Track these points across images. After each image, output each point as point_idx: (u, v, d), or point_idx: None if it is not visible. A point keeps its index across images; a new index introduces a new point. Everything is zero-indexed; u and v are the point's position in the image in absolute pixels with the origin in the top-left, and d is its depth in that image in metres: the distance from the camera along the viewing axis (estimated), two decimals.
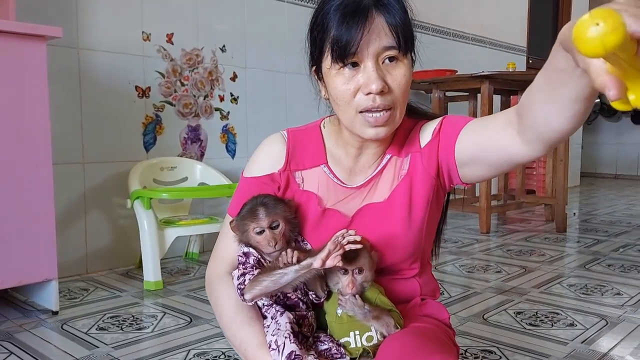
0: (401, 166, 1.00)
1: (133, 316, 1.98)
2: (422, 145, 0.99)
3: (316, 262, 0.84)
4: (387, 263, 1.00)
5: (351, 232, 0.85)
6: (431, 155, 0.97)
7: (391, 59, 0.89)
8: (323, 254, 0.83)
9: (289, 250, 0.89)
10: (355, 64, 0.89)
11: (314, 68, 0.97)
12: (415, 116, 1.05)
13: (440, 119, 1.00)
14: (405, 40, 0.88)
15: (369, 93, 0.88)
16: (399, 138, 1.02)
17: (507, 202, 4.13)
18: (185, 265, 2.74)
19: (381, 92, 0.88)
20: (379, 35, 0.86)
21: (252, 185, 1.02)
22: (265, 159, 1.03)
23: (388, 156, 1.01)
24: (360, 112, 0.90)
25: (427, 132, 1.00)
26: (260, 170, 1.02)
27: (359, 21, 0.85)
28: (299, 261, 0.86)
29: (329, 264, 0.84)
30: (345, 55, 0.87)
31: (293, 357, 0.81)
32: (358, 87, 0.89)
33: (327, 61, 0.91)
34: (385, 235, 0.98)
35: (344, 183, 1.01)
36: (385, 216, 0.98)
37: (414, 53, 0.94)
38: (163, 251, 2.37)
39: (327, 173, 1.02)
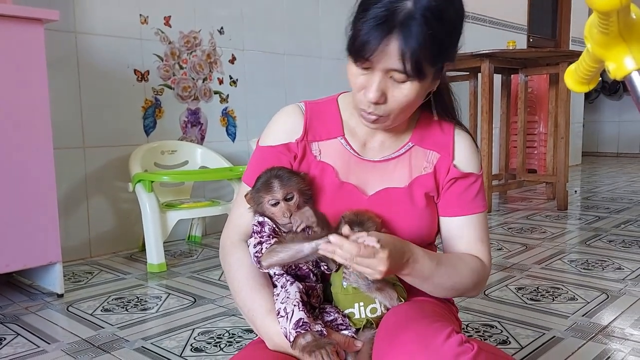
0: (424, 158, 1.03)
1: (137, 297, 1.99)
2: (455, 162, 1.02)
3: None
4: None
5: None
6: (450, 177, 1.02)
7: (399, 77, 0.88)
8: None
9: (297, 218, 0.91)
10: (367, 67, 0.89)
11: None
12: (440, 108, 1.05)
13: (478, 170, 1.04)
14: (416, 68, 0.85)
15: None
16: (422, 128, 1.04)
17: (508, 181, 4.13)
18: (188, 248, 2.76)
19: (376, 103, 0.90)
20: (390, 56, 0.85)
21: (268, 155, 1.02)
22: (282, 128, 1.04)
23: (410, 144, 1.03)
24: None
25: (462, 155, 1.03)
26: (276, 140, 1.03)
27: (381, 33, 0.84)
28: (312, 237, 0.87)
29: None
30: (358, 58, 0.87)
31: (301, 324, 0.83)
32: (362, 87, 0.91)
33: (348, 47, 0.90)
34: (401, 221, 0.99)
35: (360, 155, 1.03)
36: (403, 202, 1.00)
37: (442, 64, 0.92)
38: (165, 234, 2.38)
39: (344, 145, 1.03)
